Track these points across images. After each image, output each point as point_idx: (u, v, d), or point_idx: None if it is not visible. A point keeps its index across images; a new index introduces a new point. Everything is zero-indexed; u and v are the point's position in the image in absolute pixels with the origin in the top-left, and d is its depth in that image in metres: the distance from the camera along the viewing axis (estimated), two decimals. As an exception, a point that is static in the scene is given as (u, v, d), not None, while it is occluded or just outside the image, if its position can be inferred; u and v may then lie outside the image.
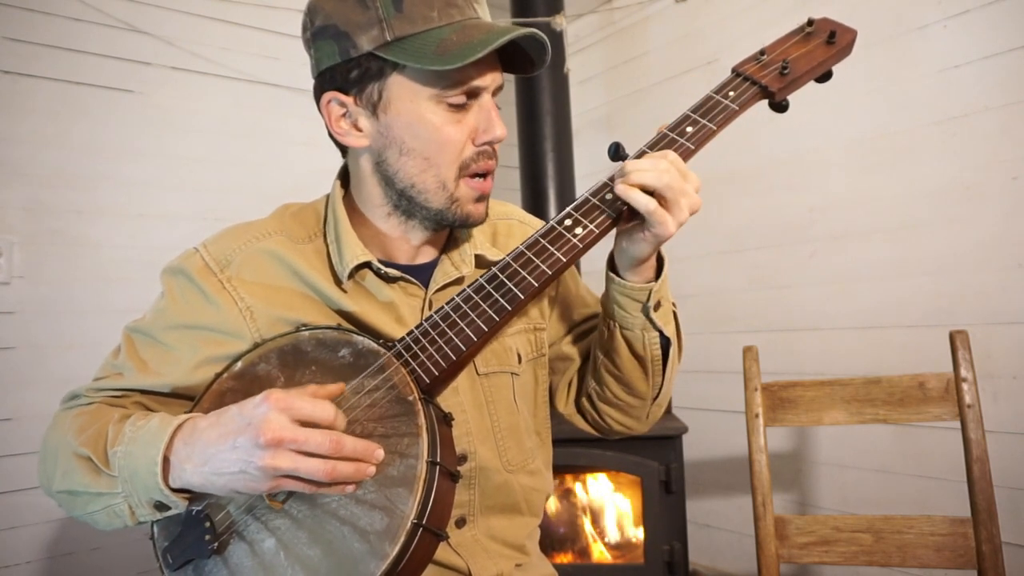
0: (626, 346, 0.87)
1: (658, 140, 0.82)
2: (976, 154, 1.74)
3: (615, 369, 0.90)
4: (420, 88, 0.76)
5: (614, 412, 0.96)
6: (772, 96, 0.84)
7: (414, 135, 0.78)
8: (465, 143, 0.79)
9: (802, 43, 0.87)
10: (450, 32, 0.74)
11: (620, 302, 0.85)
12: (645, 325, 0.86)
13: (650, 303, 0.83)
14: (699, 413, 2.35)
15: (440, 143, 0.78)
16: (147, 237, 2.03)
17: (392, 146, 0.80)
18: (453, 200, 0.80)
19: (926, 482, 1.83)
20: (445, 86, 0.76)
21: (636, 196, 0.74)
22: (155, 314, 0.84)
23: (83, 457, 0.74)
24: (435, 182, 0.80)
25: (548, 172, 2.35)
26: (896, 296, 1.89)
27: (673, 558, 1.93)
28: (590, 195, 0.80)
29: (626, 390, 0.92)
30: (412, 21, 0.74)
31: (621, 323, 0.86)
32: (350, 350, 0.76)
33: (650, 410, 0.96)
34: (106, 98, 2.01)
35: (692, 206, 0.76)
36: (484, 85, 0.78)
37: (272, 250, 0.84)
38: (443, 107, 0.77)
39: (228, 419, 0.67)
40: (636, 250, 0.80)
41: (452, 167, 0.79)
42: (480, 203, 0.83)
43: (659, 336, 0.87)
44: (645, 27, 2.61)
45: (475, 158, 0.80)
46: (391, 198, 0.83)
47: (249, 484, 0.66)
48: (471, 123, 0.79)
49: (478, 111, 0.79)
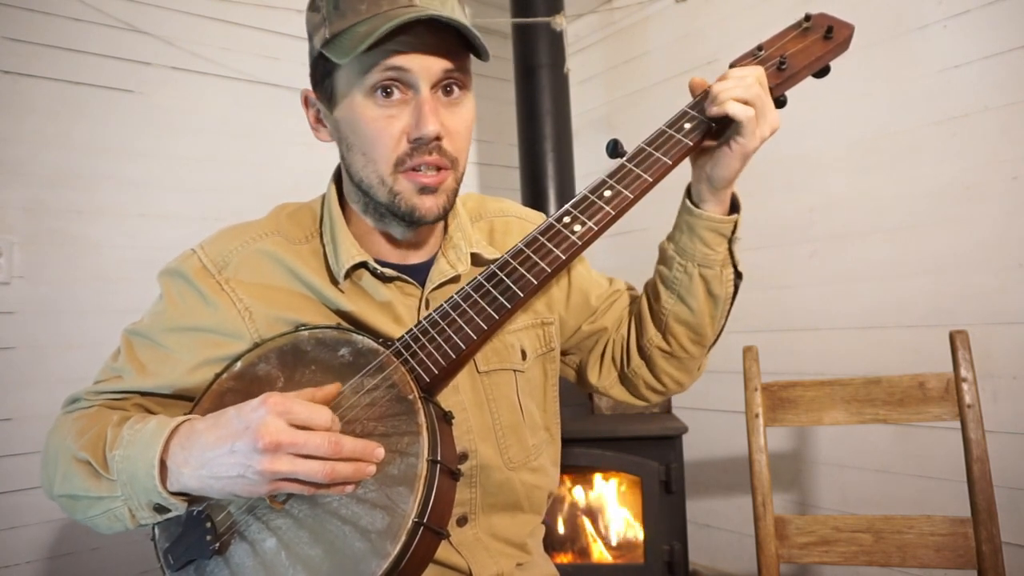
0: (703, 286, 0.89)
1: (656, 137, 0.82)
2: (976, 154, 1.74)
3: (688, 315, 0.91)
4: (355, 81, 0.76)
5: (673, 368, 0.97)
6: (770, 92, 0.83)
7: (353, 130, 0.78)
8: (399, 138, 0.76)
9: (799, 38, 0.87)
10: (366, 23, 0.73)
11: (705, 238, 0.86)
12: (725, 261, 0.88)
13: (735, 235, 0.86)
14: (699, 413, 2.35)
15: (372, 138, 0.77)
16: (147, 237, 2.03)
17: (343, 142, 0.81)
18: (394, 194, 0.78)
19: (926, 482, 1.83)
20: (366, 74, 0.75)
21: (733, 107, 0.77)
22: (153, 316, 0.84)
23: (82, 461, 0.74)
24: (375, 177, 0.78)
25: (548, 172, 2.35)
26: (896, 296, 1.89)
27: (673, 558, 1.93)
28: (589, 192, 0.81)
29: (693, 338, 0.94)
30: (344, 17, 0.74)
31: (702, 262, 0.87)
32: (349, 349, 0.76)
33: (703, 360, 0.99)
34: (106, 98, 2.01)
35: (774, 123, 0.80)
36: (407, 67, 0.74)
37: (269, 251, 0.84)
38: (373, 100, 0.76)
39: (226, 422, 0.67)
40: (724, 168, 0.82)
41: (386, 163, 0.77)
42: (425, 195, 0.78)
43: (733, 272, 0.90)
44: (645, 27, 2.61)
45: (410, 153, 0.76)
46: (358, 194, 0.84)
47: (247, 488, 0.65)
48: (405, 119, 0.76)
49: (413, 106, 0.76)
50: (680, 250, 0.89)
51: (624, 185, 0.80)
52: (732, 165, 0.81)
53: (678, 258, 0.89)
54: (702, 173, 0.85)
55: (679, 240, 0.89)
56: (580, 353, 1.03)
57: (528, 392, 0.93)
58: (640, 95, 2.63)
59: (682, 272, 0.89)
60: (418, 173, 0.77)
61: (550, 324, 0.97)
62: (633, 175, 0.80)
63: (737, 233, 0.87)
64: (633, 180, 0.80)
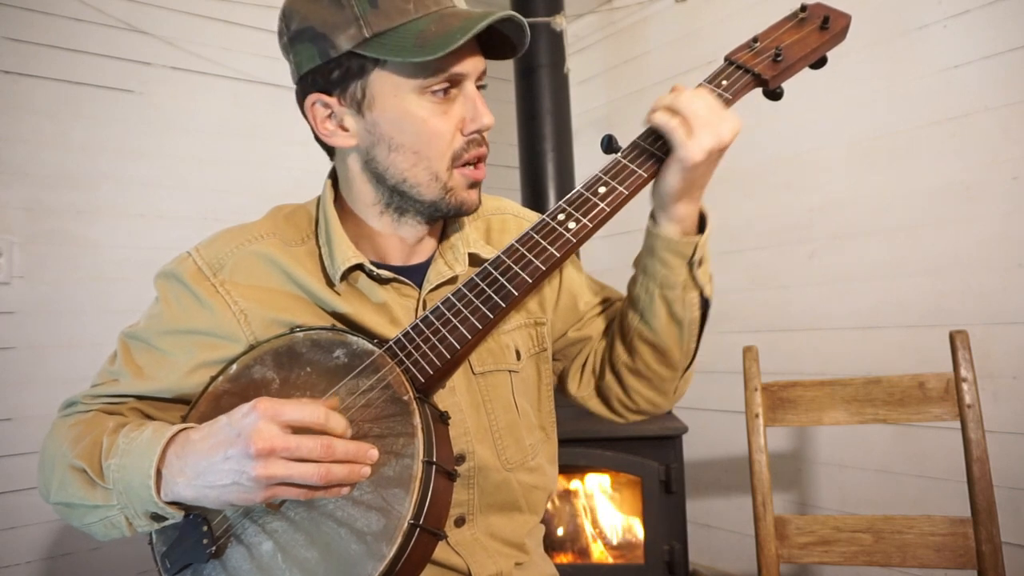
0: (665, 308, 0.86)
1: (649, 133, 0.81)
2: (976, 154, 1.73)
3: (651, 335, 0.89)
4: (403, 82, 0.76)
5: (643, 387, 0.95)
6: (766, 84, 0.82)
7: (401, 130, 0.78)
8: (454, 134, 0.79)
9: (795, 29, 0.86)
10: (428, 23, 0.74)
11: (664, 258, 0.84)
12: (687, 283, 0.85)
13: (695, 257, 0.83)
14: (699, 413, 2.35)
15: (428, 136, 0.78)
16: (147, 237, 2.03)
17: (380, 143, 0.79)
18: (447, 190, 0.80)
19: (926, 482, 1.83)
20: (427, 77, 0.76)
21: (656, 115, 0.77)
22: (149, 319, 0.84)
23: (78, 469, 0.74)
24: (427, 175, 0.79)
25: (548, 172, 2.35)
26: (896, 296, 1.88)
27: (673, 558, 1.93)
28: (583, 189, 0.80)
29: (659, 359, 0.91)
30: (388, 16, 0.74)
31: (663, 282, 0.85)
32: (344, 351, 0.76)
33: (679, 384, 0.96)
34: (106, 98, 2.01)
35: (718, 137, 0.75)
36: (466, 72, 0.77)
37: (265, 253, 0.83)
38: (427, 99, 0.77)
39: (218, 431, 0.67)
40: (666, 183, 0.79)
41: (443, 159, 0.79)
42: (473, 190, 0.82)
43: (699, 296, 0.86)
44: (645, 27, 2.60)
45: (466, 147, 0.79)
46: (383, 195, 0.83)
47: (243, 495, 0.65)
48: (458, 113, 0.78)
49: (464, 101, 0.79)
50: (642, 269, 0.87)
51: (619, 181, 0.79)
52: (670, 180, 0.78)
53: (640, 276, 0.88)
54: (654, 189, 0.83)
55: (642, 259, 0.88)
56: (564, 360, 1.02)
57: (523, 392, 0.93)
58: (640, 95, 2.63)
59: (644, 292, 0.87)
60: (469, 168, 0.81)
61: (543, 324, 0.96)
62: (628, 171, 0.79)
63: (698, 255, 0.83)
64: (628, 176, 0.79)
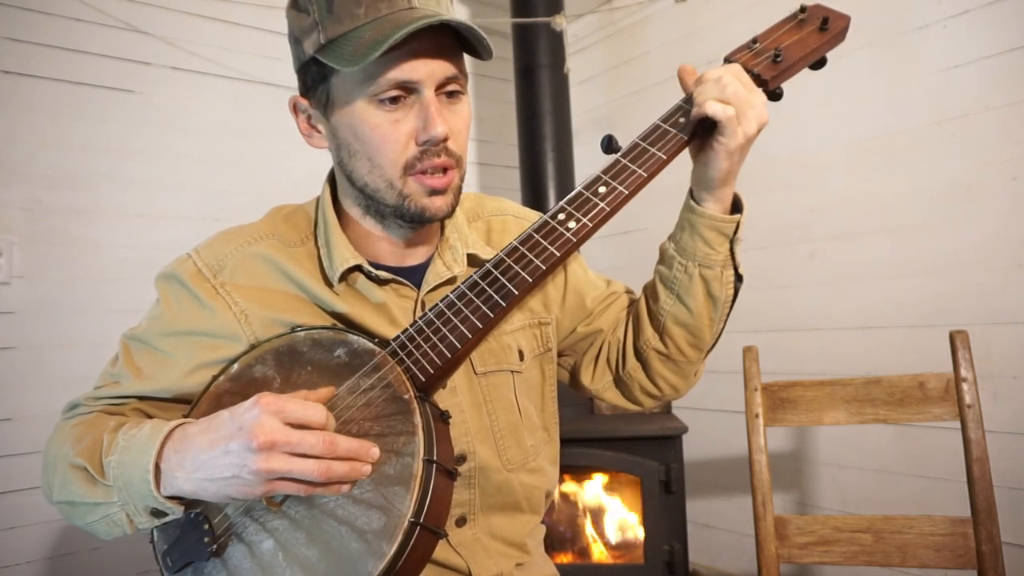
0: (703, 287, 0.88)
1: (650, 132, 0.82)
2: (976, 154, 1.73)
3: (687, 316, 0.90)
4: (353, 89, 0.75)
5: (669, 372, 0.96)
6: (766, 85, 0.83)
7: (355, 136, 0.77)
8: (407, 142, 0.76)
9: (795, 30, 0.86)
10: (368, 29, 0.72)
11: (706, 236, 0.85)
12: (726, 262, 0.87)
13: (736, 235, 0.85)
14: (699, 413, 2.35)
15: (377, 144, 0.76)
16: (147, 237, 2.03)
17: (343, 148, 0.80)
18: (404, 196, 0.78)
19: (926, 482, 1.83)
20: (371, 84, 0.74)
21: (712, 106, 0.76)
22: (150, 321, 0.84)
23: (79, 468, 0.74)
24: (382, 182, 0.78)
25: (548, 172, 2.35)
26: (896, 296, 1.88)
27: (673, 558, 1.93)
28: (583, 189, 0.80)
29: (691, 340, 0.92)
30: (340, 21, 0.73)
31: (703, 261, 0.86)
32: (345, 350, 0.76)
33: (700, 366, 0.98)
34: (106, 98, 2.01)
35: (759, 118, 0.78)
36: (417, 79, 0.74)
37: (264, 254, 0.84)
38: (376, 106, 0.75)
39: (219, 424, 0.67)
40: (713, 168, 0.81)
41: (395, 167, 0.77)
42: (436, 196, 0.79)
43: (734, 274, 0.88)
44: (645, 27, 2.61)
45: (419, 157, 0.76)
46: (359, 198, 0.84)
47: (243, 489, 0.65)
48: (412, 122, 0.76)
49: (419, 109, 0.76)
50: (681, 249, 0.88)
51: (619, 181, 0.79)
52: (719, 164, 0.80)
53: (678, 257, 0.88)
54: (697, 174, 0.85)
55: (680, 239, 0.88)
56: (574, 355, 1.02)
57: (526, 393, 0.93)
58: (640, 95, 2.63)
59: (682, 272, 0.88)
60: (427, 176, 0.77)
61: (547, 324, 0.96)
62: (628, 171, 0.80)
63: (739, 234, 0.86)
64: (628, 175, 0.79)
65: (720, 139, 0.78)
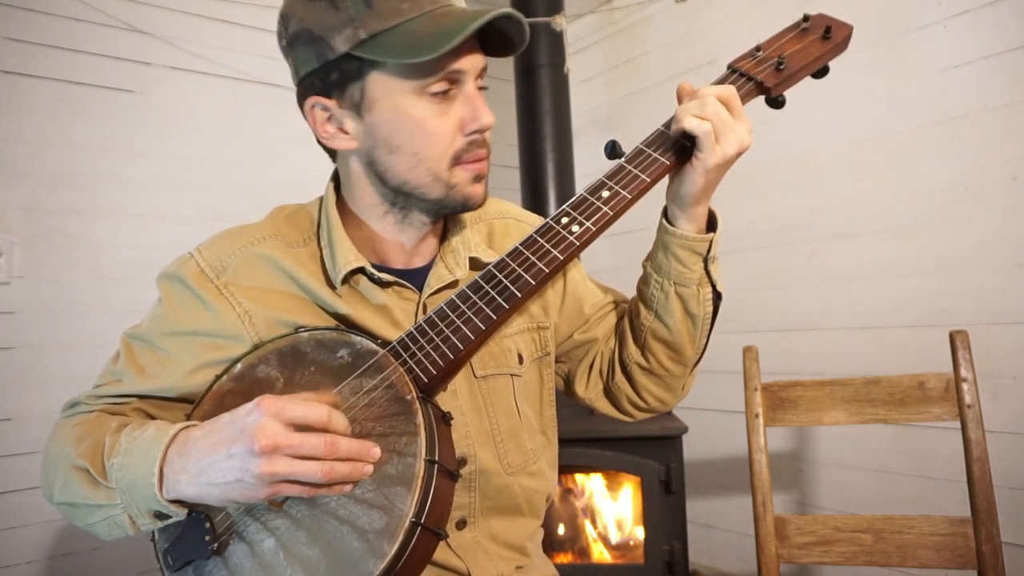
0: (680, 305, 0.88)
1: (655, 139, 0.82)
2: (976, 154, 1.73)
3: (666, 333, 0.90)
4: (400, 83, 0.75)
5: (653, 385, 0.96)
6: (768, 92, 0.84)
7: (399, 132, 0.77)
8: (454, 134, 0.78)
9: (798, 39, 0.87)
10: (422, 23, 0.73)
11: (680, 256, 0.85)
12: (702, 280, 0.87)
13: (710, 254, 0.85)
14: (699, 413, 2.35)
15: (427, 137, 0.77)
16: (147, 237, 2.03)
17: (380, 145, 0.79)
18: (451, 187, 0.80)
19: (926, 482, 1.83)
20: (424, 77, 0.75)
21: (689, 120, 0.76)
22: (153, 320, 0.84)
23: (81, 469, 0.74)
24: (428, 176, 0.79)
25: (548, 172, 2.34)
26: (896, 296, 1.89)
27: (673, 558, 1.93)
28: (587, 194, 0.81)
29: (672, 356, 0.92)
30: (383, 16, 0.73)
31: (677, 280, 0.86)
32: (349, 350, 0.76)
33: (686, 380, 0.98)
34: (106, 98, 2.01)
35: (740, 141, 0.77)
36: (464, 70, 0.76)
37: (267, 254, 0.84)
38: (426, 100, 0.76)
39: (221, 428, 0.67)
40: (688, 184, 0.81)
41: (443, 160, 0.78)
42: (478, 184, 0.81)
43: (712, 291, 0.89)
44: (645, 27, 2.61)
45: (466, 148, 0.79)
46: (386, 197, 0.83)
47: (246, 493, 0.65)
48: (457, 113, 0.77)
49: (463, 100, 0.77)
50: (656, 267, 0.88)
51: (622, 186, 0.80)
52: (695, 181, 0.80)
53: (655, 275, 0.89)
54: (672, 188, 0.84)
55: (656, 258, 0.89)
56: (570, 362, 1.03)
57: (525, 396, 0.93)
58: (640, 95, 2.63)
59: (659, 290, 0.89)
60: (471, 164, 0.79)
61: (546, 328, 0.96)
62: (631, 176, 0.80)
63: (713, 252, 0.86)
64: (631, 181, 0.80)
65: (698, 155, 0.78)
